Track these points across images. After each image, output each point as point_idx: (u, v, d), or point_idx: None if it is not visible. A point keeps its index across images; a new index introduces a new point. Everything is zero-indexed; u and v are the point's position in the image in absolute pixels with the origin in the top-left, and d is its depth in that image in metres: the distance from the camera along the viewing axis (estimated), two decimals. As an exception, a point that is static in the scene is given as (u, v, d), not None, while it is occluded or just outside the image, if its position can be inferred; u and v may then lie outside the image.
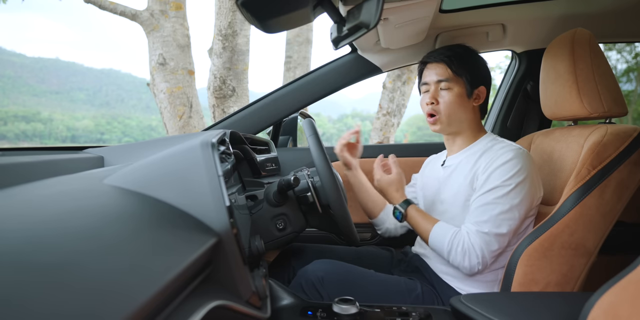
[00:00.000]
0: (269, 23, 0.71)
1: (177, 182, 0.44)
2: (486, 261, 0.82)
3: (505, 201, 0.80)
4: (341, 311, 0.66)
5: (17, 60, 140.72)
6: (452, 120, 0.92)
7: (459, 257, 0.83)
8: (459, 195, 0.89)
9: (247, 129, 1.30)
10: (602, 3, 1.09)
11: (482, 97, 0.94)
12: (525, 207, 0.82)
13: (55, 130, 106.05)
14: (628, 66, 11.50)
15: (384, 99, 3.77)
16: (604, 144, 0.79)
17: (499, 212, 0.81)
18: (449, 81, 0.91)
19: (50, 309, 0.20)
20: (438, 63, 0.94)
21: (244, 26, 2.82)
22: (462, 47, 0.96)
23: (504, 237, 0.81)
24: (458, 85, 0.91)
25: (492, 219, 0.81)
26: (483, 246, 0.81)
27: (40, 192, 0.36)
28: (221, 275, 0.42)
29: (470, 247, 0.82)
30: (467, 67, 0.92)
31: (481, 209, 0.83)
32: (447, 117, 0.92)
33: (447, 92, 0.91)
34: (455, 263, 0.84)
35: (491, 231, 0.81)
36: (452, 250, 0.84)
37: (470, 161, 0.90)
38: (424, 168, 1.12)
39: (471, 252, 0.82)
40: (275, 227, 0.84)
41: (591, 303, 0.45)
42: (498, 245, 0.82)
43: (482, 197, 0.83)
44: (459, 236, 0.84)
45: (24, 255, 0.23)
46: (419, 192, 1.07)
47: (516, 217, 0.81)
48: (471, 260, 0.82)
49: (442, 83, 0.92)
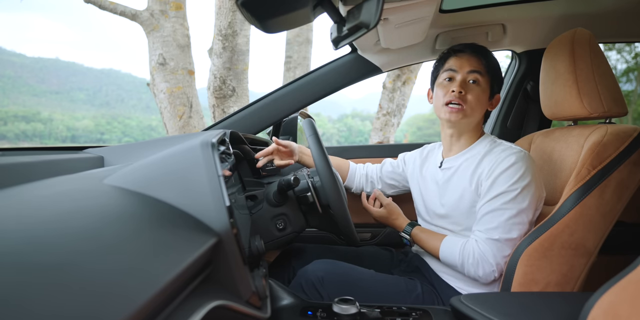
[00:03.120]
0: (269, 23, 0.71)
1: (177, 182, 0.44)
2: (501, 267, 0.82)
3: (513, 206, 0.80)
4: (341, 311, 0.66)
5: (17, 60, 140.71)
6: (473, 116, 0.89)
7: (472, 268, 0.82)
8: (463, 200, 0.88)
9: (247, 129, 1.30)
10: (602, 3, 1.09)
11: (494, 104, 0.93)
12: (532, 209, 0.82)
13: (55, 130, 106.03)
14: (628, 66, 11.50)
15: (384, 99, 3.77)
16: (604, 144, 0.79)
17: (507, 217, 0.80)
18: (481, 74, 0.88)
19: (50, 310, 0.20)
20: (473, 54, 0.90)
21: (244, 26, 2.82)
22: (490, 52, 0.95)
23: (514, 241, 0.81)
24: (485, 82, 0.89)
25: (501, 225, 0.80)
26: (496, 253, 0.80)
27: (40, 192, 0.36)
28: (221, 275, 0.42)
29: (482, 256, 0.81)
30: (495, 69, 0.91)
31: (489, 216, 0.82)
32: (471, 111, 0.88)
33: (476, 85, 0.88)
34: (470, 275, 0.83)
35: (502, 237, 0.80)
36: (465, 262, 0.83)
37: (471, 165, 0.89)
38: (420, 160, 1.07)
39: (484, 261, 0.81)
40: (275, 227, 0.84)
41: (591, 303, 0.45)
42: (509, 250, 0.81)
43: (488, 203, 0.82)
44: (468, 247, 0.83)
45: (24, 256, 0.23)
46: (415, 191, 1.06)
47: (525, 221, 0.81)
48: (485, 269, 0.81)
49: (473, 74, 0.88)
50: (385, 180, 1.15)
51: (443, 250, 0.88)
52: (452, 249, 0.86)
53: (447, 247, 0.87)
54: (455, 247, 0.85)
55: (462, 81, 0.88)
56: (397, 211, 1.04)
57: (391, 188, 1.15)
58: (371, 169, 1.18)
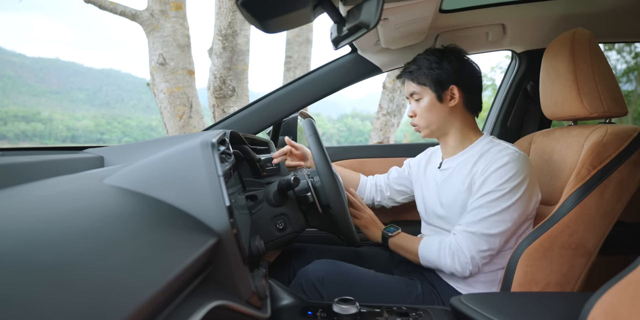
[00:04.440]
0: (269, 23, 0.71)
1: (177, 182, 0.44)
2: (476, 262, 0.82)
3: (497, 204, 0.80)
4: (341, 311, 0.66)
5: (17, 60, 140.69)
6: (431, 126, 0.94)
7: (448, 260, 0.83)
8: (457, 200, 0.89)
9: (247, 129, 1.30)
10: (602, 3, 1.09)
11: (456, 96, 0.91)
12: (519, 210, 0.81)
13: (55, 130, 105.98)
14: (628, 66, 11.50)
15: (384, 99, 3.77)
16: (604, 144, 0.79)
17: (489, 214, 0.81)
18: (417, 93, 0.94)
19: (50, 309, 0.20)
20: (405, 80, 0.97)
21: (244, 26, 2.82)
22: (428, 52, 0.94)
23: (493, 237, 0.81)
24: (426, 93, 0.93)
25: (482, 221, 0.81)
26: (471, 246, 0.81)
27: (40, 192, 0.36)
28: (221, 275, 0.42)
29: (458, 248, 0.82)
30: (430, 73, 0.91)
31: (473, 212, 0.83)
32: (426, 125, 0.94)
33: (419, 102, 0.94)
34: (447, 268, 0.84)
35: (479, 231, 0.81)
36: (441, 255, 0.84)
37: (467, 165, 0.89)
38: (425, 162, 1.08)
39: (459, 253, 0.82)
40: (275, 227, 0.84)
41: (591, 303, 0.45)
42: (487, 246, 0.81)
43: (476, 201, 0.83)
44: (445, 240, 0.85)
45: (24, 256, 0.23)
46: (418, 192, 1.07)
47: (507, 220, 0.81)
48: (460, 261, 0.82)
49: (413, 96, 0.95)
50: (393, 186, 1.15)
51: (422, 249, 0.89)
52: (430, 245, 0.87)
53: (426, 245, 0.89)
54: (433, 244, 0.87)
55: (411, 106, 0.97)
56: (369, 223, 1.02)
57: (400, 194, 1.15)
58: (379, 178, 1.19)
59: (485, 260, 0.83)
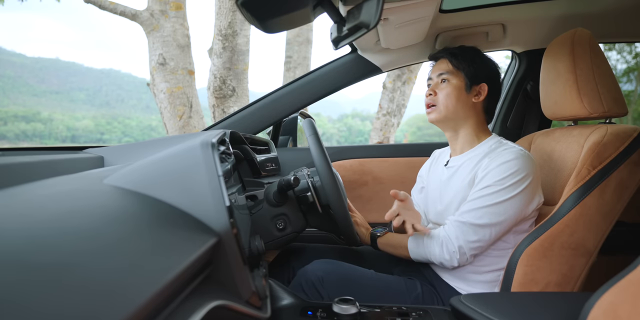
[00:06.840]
0: (269, 23, 0.71)
1: (177, 182, 0.44)
2: (464, 252, 0.82)
3: (493, 197, 0.80)
4: (341, 311, 0.66)
5: (17, 60, 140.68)
6: (449, 112, 0.93)
7: (437, 249, 0.84)
8: (457, 196, 0.89)
9: (247, 129, 1.30)
10: (602, 3, 1.09)
11: (482, 94, 0.93)
12: (515, 207, 0.80)
13: (55, 130, 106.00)
14: (628, 66, 11.50)
15: (384, 99, 3.78)
16: (604, 144, 0.79)
17: (483, 205, 0.81)
18: (448, 74, 0.93)
19: (50, 309, 0.20)
20: (441, 59, 0.97)
21: (244, 26, 2.82)
22: (469, 47, 0.97)
23: (482, 228, 0.81)
24: (457, 78, 0.93)
25: (473, 211, 0.81)
26: (459, 235, 0.81)
27: (40, 192, 0.36)
28: (221, 275, 0.42)
29: (446, 237, 0.83)
30: (469, 62, 0.93)
31: (468, 204, 0.83)
32: (444, 108, 0.92)
33: (446, 84, 0.93)
34: (435, 257, 0.84)
35: (469, 221, 0.81)
36: (430, 244, 0.85)
37: (472, 163, 0.89)
38: (429, 164, 1.10)
39: (447, 242, 0.82)
40: (275, 227, 0.84)
41: (591, 303, 0.45)
42: (476, 237, 0.81)
43: (473, 194, 0.84)
44: (435, 231, 0.86)
45: (24, 255, 0.23)
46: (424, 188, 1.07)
47: (500, 213, 0.80)
48: (449, 249, 0.82)
49: (442, 76, 0.94)
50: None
51: (411, 239, 0.89)
52: (420, 237, 0.88)
53: (416, 237, 0.89)
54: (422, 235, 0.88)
55: (433, 85, 0.96)
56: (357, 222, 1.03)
57: None
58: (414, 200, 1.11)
59: (474, 251, 0.82)
